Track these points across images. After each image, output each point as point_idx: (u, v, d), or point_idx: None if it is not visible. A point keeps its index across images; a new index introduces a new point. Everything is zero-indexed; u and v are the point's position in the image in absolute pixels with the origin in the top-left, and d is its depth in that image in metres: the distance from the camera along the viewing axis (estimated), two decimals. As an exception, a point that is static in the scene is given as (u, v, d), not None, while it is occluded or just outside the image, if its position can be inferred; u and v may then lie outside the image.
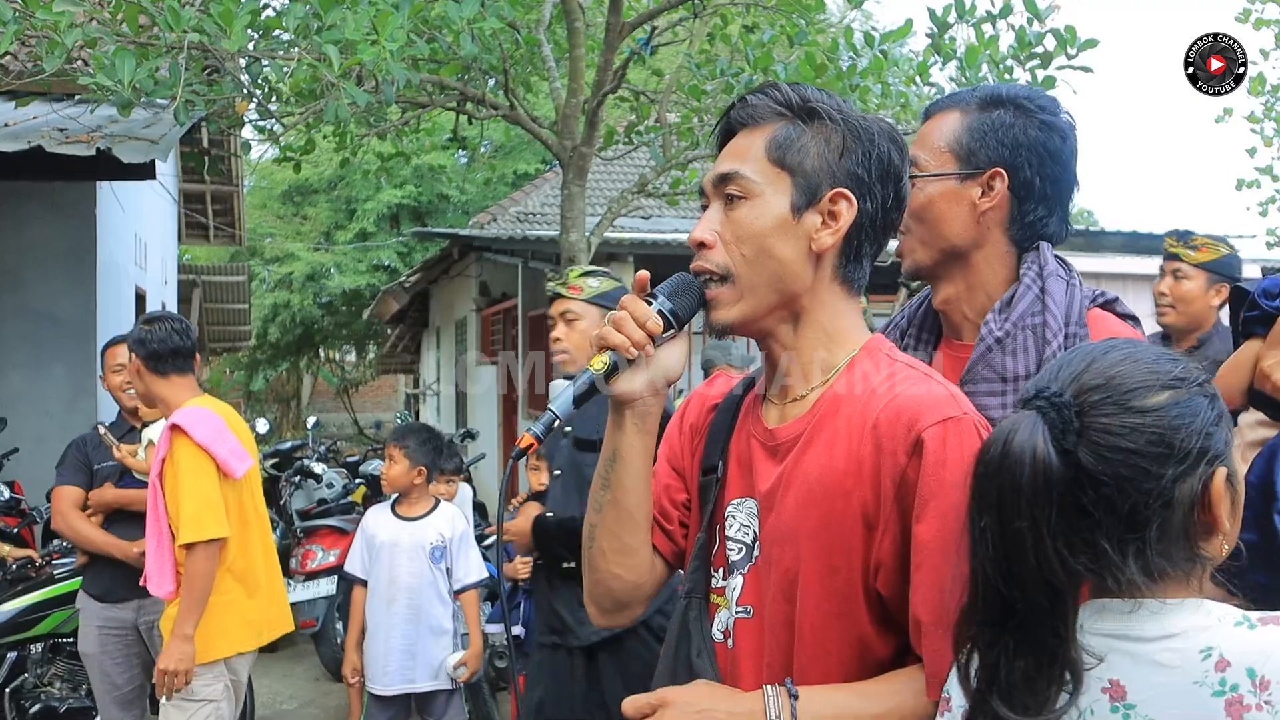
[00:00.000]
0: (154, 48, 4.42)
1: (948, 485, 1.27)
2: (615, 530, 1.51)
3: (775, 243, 1.39)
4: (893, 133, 1.45)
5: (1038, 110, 1.76)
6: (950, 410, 1.31)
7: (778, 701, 1.29)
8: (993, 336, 1.72)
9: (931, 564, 1.27)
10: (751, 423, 1.50)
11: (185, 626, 3.25)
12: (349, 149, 6.70)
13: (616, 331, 1.41)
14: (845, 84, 5.94)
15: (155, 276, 11.17)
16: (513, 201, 13.83)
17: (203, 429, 3.36)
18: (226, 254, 20.40)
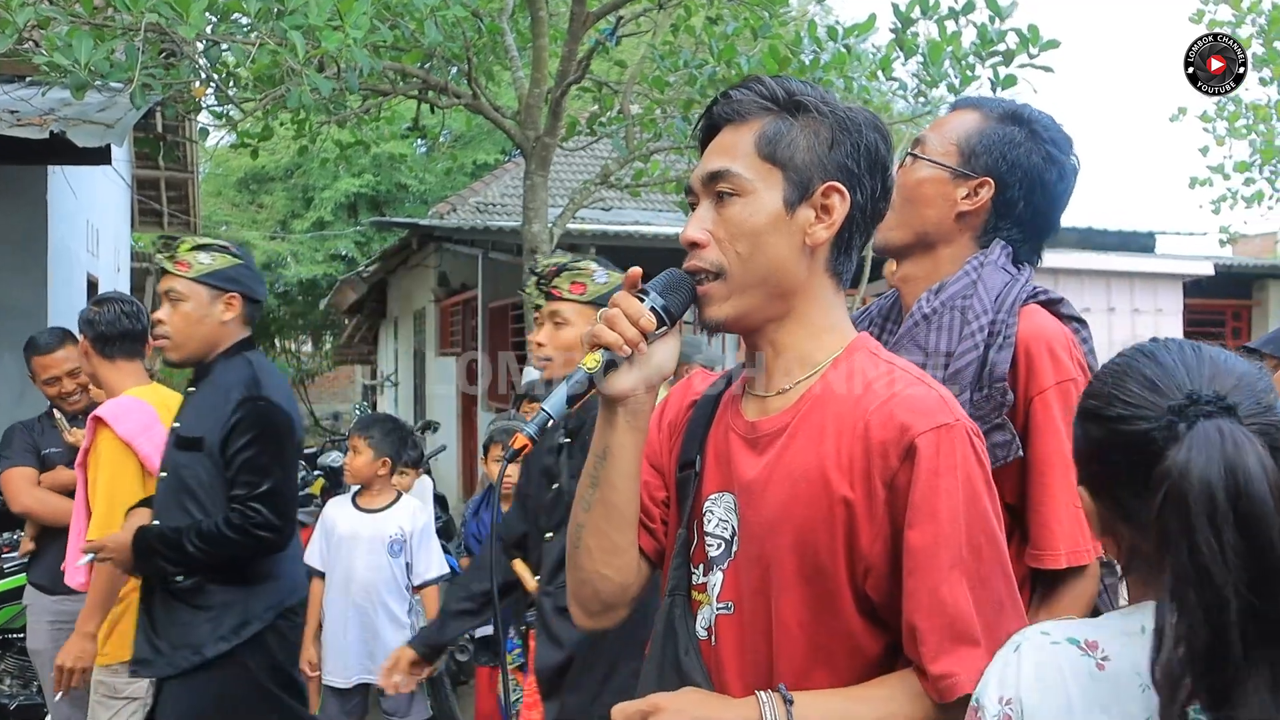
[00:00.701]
0: (109, 29, 4.34)
1: (941, 491, 1.27)
2: (604, 529, 1.48)
3: (770, 240, 1.37)
4: (877, 122, 1.43)
5: (1048, 141, 1.82)
6: (944, 417, 1.31)
7: (773, 708, 1.27)
8: (920, 313, 1.80)
9: (925, 571, 1.27)
10: (730, 417, 1.48)
11: (88, 624, 3.16)
12: (308, 137, 6.62)
13: (609, 329, 1.38)
14: (808, 78, 5.96)
15: (108, 263, 10.97)
16: (472, 192, 13.73)
17: (128, 422, 3.24)
18: (180, 242, 20.08)
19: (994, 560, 1.30)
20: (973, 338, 1.72)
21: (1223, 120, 10.95)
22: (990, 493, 1.33)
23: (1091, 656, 1.13)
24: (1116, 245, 12.24)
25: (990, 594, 1.29)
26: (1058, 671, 1.13)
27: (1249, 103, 10.94)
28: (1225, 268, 9.95)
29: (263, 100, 5.17)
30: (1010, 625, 1.28)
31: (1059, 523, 1.65)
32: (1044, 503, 1.66)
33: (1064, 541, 1.64)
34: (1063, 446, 1.65)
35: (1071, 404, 1.66)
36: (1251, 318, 11.27)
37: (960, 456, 1.28)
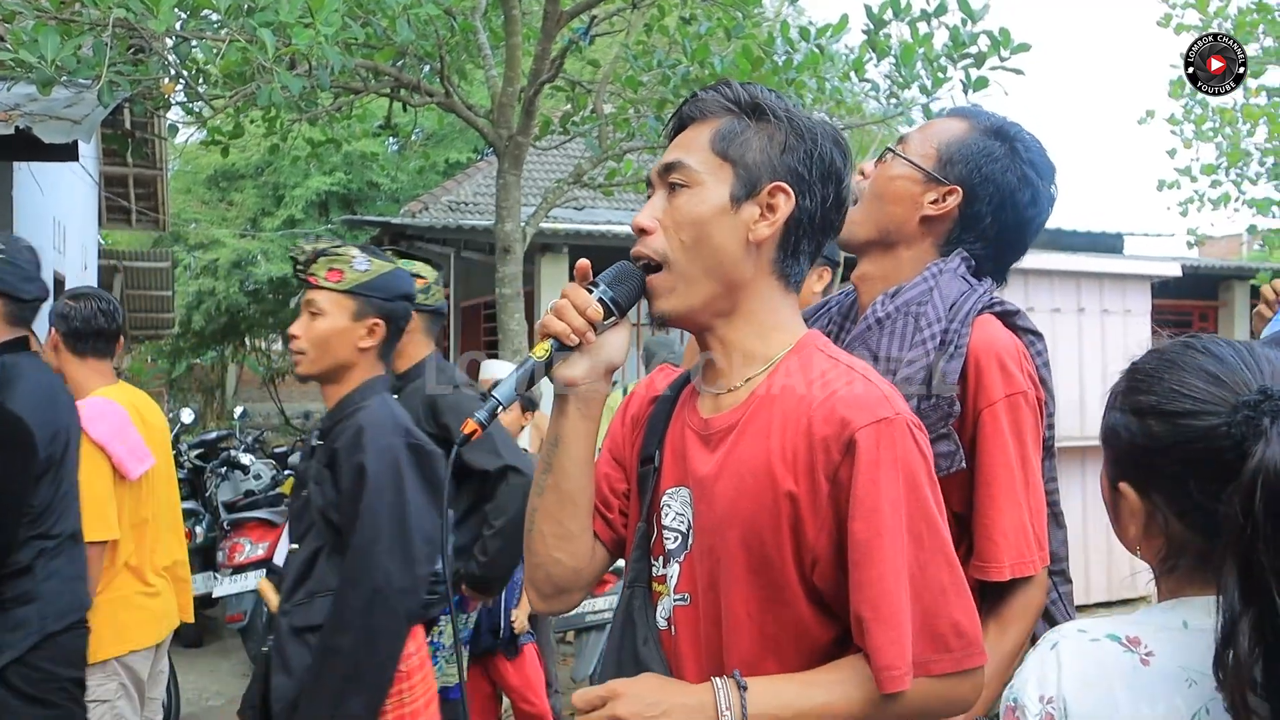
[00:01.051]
0: (76, 24, 4.28)
1: (882, 484, 1.30)
2: (556, 514, 1.53)
3: (713, 230, 1.42)
4: (838, 137, 1.48)
5: (1027, 162, 1.81)
6: (884, 411, 1.34)
7: (727, 693, 1.31)
8: (874, 316, 1.79)
9: (869, 562, 1.30)
10: (687, 414, 1.52)
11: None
12: (279, 134, 6.56)
13: (558, 319, 1.44)
14: (781, 78, 5.98)
15: (75, 261, 10.84)
16: (445, 190, 13.68)
17: (101, 425, 3.20)
18: (149, 239, 19.86)
19: (935, 548, 1.33)
20: (923, 345, 1.72)
21: (1190, 123, 11.08)
22: (931, 483, 1.36)
23: (1135, 652, 1.14)
24: (1085, 246, 12.37)
25: (933, 581, 1.32)
26: (1101, 669, 1.14)
27: (1216, 106, 11.07)
28: (1192, 269, 10.07)
29: (233, 97, 5.12)
30: (954, 611, 1.33)
31: (1003, 535, 1.64)
32: (989, 515, 1.66)
33: (1008, 553, 1.64)
34: (1009, 459, 1.65)
35: (1019, 417, 1.67)
36: (1218, 318, 11.41)
37: (901, 450, 1.32)
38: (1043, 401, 1.74)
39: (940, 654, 1.32)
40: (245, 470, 7.03)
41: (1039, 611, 1.71)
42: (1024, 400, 1.68)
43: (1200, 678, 1.11)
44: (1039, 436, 1.72)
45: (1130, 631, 1.16)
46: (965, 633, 1.34)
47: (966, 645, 1.34)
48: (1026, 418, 1.68)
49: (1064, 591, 1.82)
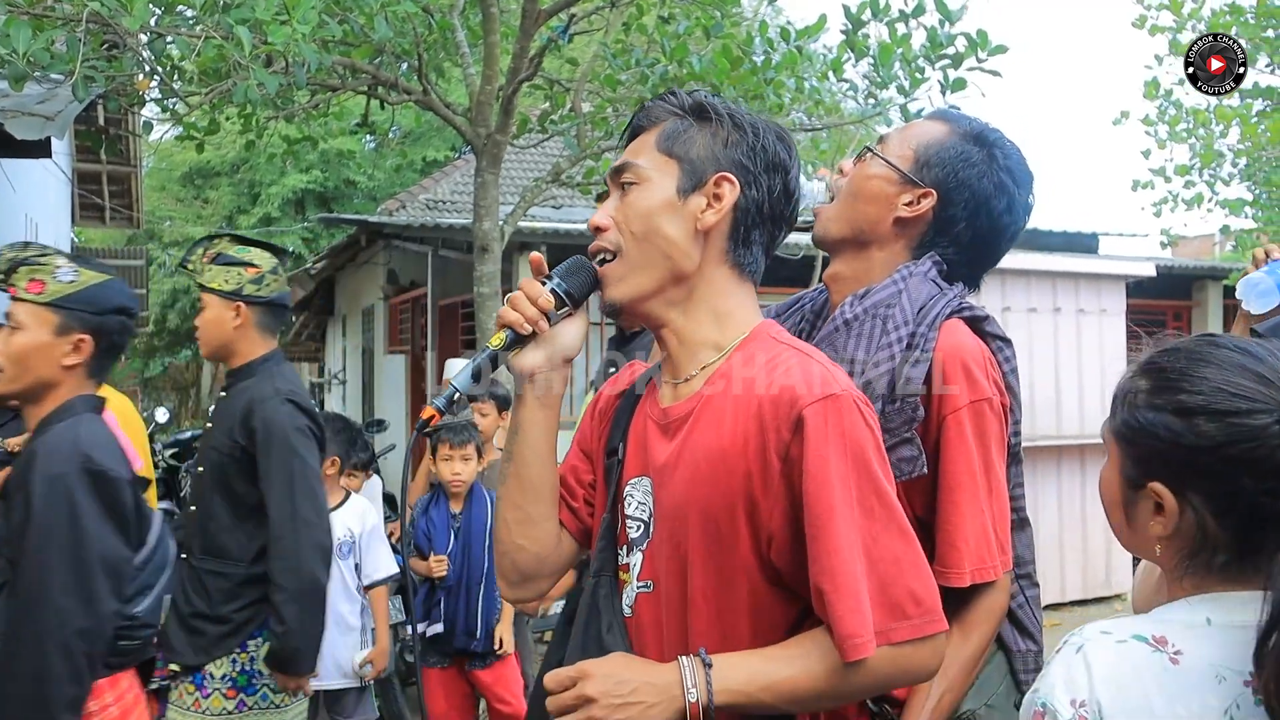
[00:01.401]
0: (49, 19, 4.24)
1: (830, 459, 1.35)
2: (518, 501, 1.59)
3: (662, 221, 1.49)
4: (781, 132, 1.56)
5: (1004, 169, 1.81)
6: (830, 388, 1.38)
7: (693, 671, 1.35)
8: (842, 318, 1.79)
9: (823, 535, 1.34)
10: (649, 405, 1.57)
11: None
12: (254, 131, 6.52)
13: (512, 310, 1.51)
14: (760, 78, 5.98)
15: (47, 259, 10.73)
16: (422, 188, 13.62)
17: None
18: (123, 237, 19.70)
19: (888, 520, 1.37)
20: (889, 348, 1.71)
21: (1164, 124, 11.15)
22: (880, 457, 1.40)
23: (1163, 652, 1.15)
24: (1061, 246, 12.44)
25: (886, 551, 1.36)
26: (1132, 670, 1.14)
27: (1189, 107, 11.16)
28: (1166, 269, 10.16)
29: (209, 94, 5.08)
30: (910, 580, 1.37)
31: (965, 541, 1.64)
32: (952, 521, 1.66)
33: (969, 559, 1.64)
34: (972, 465, 1.65)
35: (984, 424, 1.67)
36: (1191, 318, 11.52)
37: (848, 424, 1.37)
38: (1008, 408, 1.73)
39: (899, 621, 1.35)
40: (220, 470, 6.96)
41: (1001, 615, 1.71)
42: (988, 407, 1.67)
43: (1230, 674, 1.13)
44: (1003, 443, 1.72)
45: (1155, 631, 1.17)
46: (922, 600, 1.37)
47: (925, 613, 1.36)
48: (991, 424, 1.68)
49: (1030, 595, 1.82)
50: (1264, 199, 11.13)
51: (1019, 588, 1.79)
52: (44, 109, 4.74)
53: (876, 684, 1.38)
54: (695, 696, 1.33)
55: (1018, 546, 1.79)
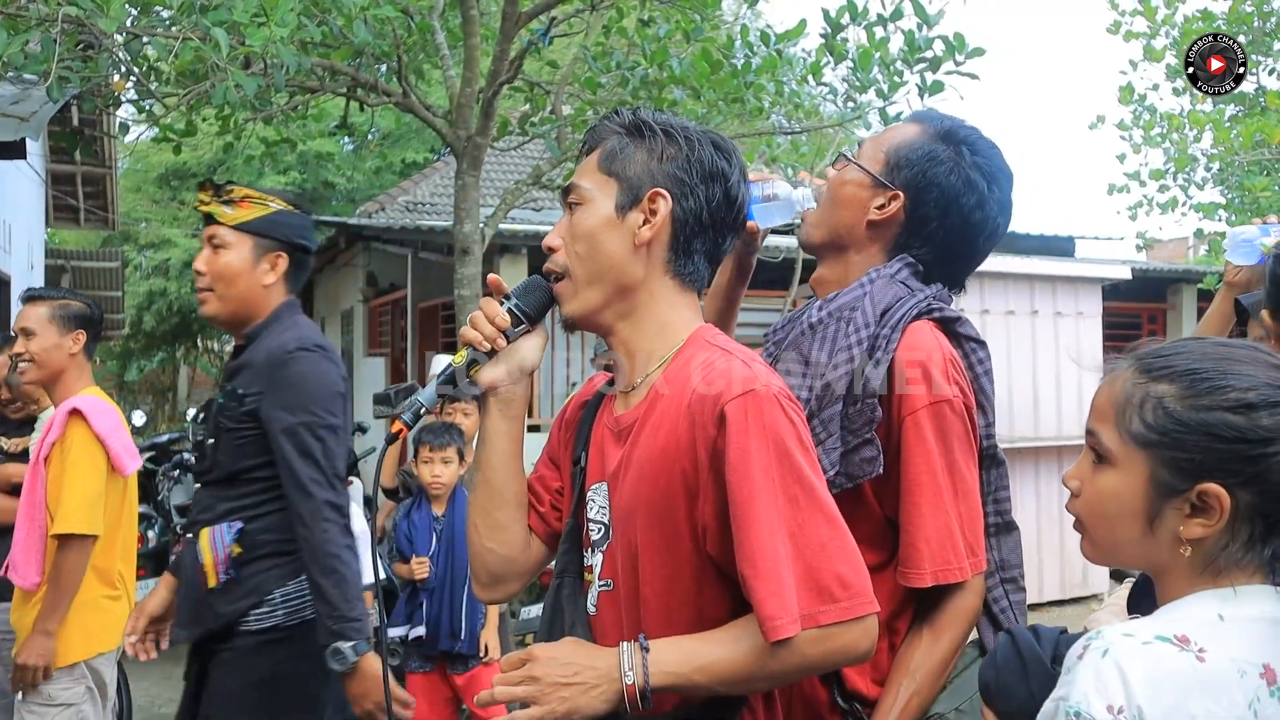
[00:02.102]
0: (24, 19, 4.20)
1: (751, 451, 1.41)
2: (486, 506, 1.68)
3: (603, 239, 1.57)
4: (719, 140, 1.63)
5: (973, 166, 1.80)
6: (750, 384, 1.45)
7: (631, 654, 1.43)
8: (808, 321, 1.82)
9: (745, 523, 1.41)
10: (605, 414, 1.66)
11: (48, 622, 3.12)
12: (233, 133, 6.48)
13: (472, 329, 1.61)
14: (740, 81, 6.00)
15: (20, 260, 10.64)
16: (401, 191, 13.57)
17: (103, 420, 3.24)
18: (98, 238, 19.53)
19: (813, 508, 1.43)
20: (849, 350, 1.72)
21: (1139, 129, 11.25)
22: (803, 448, 1.46)
23: (1189, 651, 1.15)
24: (1038, 249, 12.54)
25: (811, 537, 1.42)
26: (1166, 672, 1.14)
27: (1163, 112, 11.26)
28: (1142, 272, 10.25)
29: (186, 96, 5.05)
30: (836, 564, 1.41)
31: (925, 542, 1.64)
32: (913, 522, 1.66)
33: (930, 560, 1.64)
34: (933, 465, 1.66)
35: (945, 424, 1.67)
36: (1166, 321, 11.62)
37: (768, 418, 1.43)
38: (972, 409, 1.72)
39: (826, 604, 1.40)
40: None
41: (974, 617, 1.71)
42: (949, 407, 1.67)
43: (1249, 668, 1.15)
44: (968, 443, 1.71)
45: (1175, 630, 1.17)
46: (850, 584, 1.41)
47: (852, 595, 1.41)
48: (953, 425, 1.67)
49: (1015, 600, 1.81)
50: (1237, 203, 11.24)
51: (1003, 591, 1.79)
52: (18, 110, 4.71)
53: (806, 664, 1.42)
54: (632, 679, 1.41)
55: (1003, 550, 1.79)
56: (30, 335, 3.30)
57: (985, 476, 1.78)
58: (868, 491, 1.70)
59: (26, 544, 3.22)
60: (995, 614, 1.77)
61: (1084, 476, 1.28)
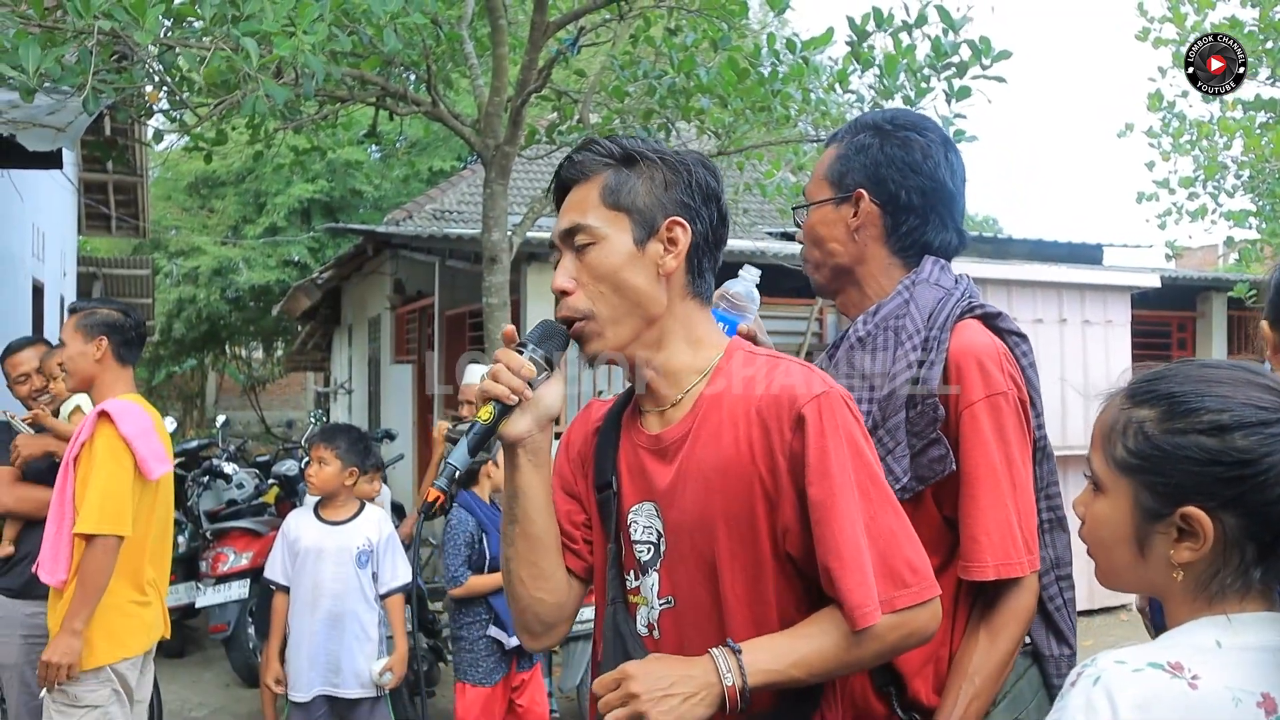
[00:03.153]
0: (60, 32, 4.26)
1: (829, 450, 1.47)
2: (530, 558, 1.67)
3: (627, 275, 1.57)
4: (706, 161, 1.66)
5: (894, 130, 1.88)
6: (820, 387, 1.51)
7: (725, 659, 1.45)
8: (855, 336, 1.85)
9: (829, 518, 1.46)
10: (634, 435, 1.66)
11: (75, 621, 3.17)
12: (263, 142, 6.55)
13: (496, 384, 1.56)
14: (767, 89, 6.00)
15: (54, 268, 10.78)
16: (429, 198, 13.65)
17: (131, 423, 3.30)
18: (129, 246, 19.75)
19: (882, 500, 1.50)
20: (907, 357, 1.75)
21: (1168, 136, 11.16)
22: (868, 443, 1.54)
23: (1181, 678, 1.14)
24: (1065, 257, 12.45)
25: (883, 527, 1.49)
26: (1155, 698, 1.13)
27: (1193, 119, 11.17)
28: (1171, 280, 10.15)
29: (217, 106, 5.10)
30: (906, 551, 1.49)
31: (987, 535, 1.66)
32: (973, 515, 1.67)
33: (991, 553, 1.65)
34: (992, 459, 1.68)
35: (1001, 418, 1.69)
36: (1196, 330, 11.50)
37: (840, 418, 1.49)
38: (1026, 402, 1.75)
39: (900, 589, 1.47)
40: (228, 479, 6.99)
41: (1030, 616, 1.71)
42: (1004, 400, 1.70)
43: (1245, 696, 1.13)
44: (1024, 436, 1.73)
45: (1169, 657, 1.16)
46: (918, 569, 1.49)
47: (921, 580, 1.49)
48: (1009, 418, 1.70)
49: (1069, 598, 1.82)
50: (1268, 210, 11.13)
51: (1059, 589, 1.80)
52: (54, 120, 4.76)
53: (885, 648, 1.49)
54: (731, 680, 1.43)
55: (1057, 546, 1.81)
56: (61, 345, 3.53)
57: (1037, 471, 1.79)
58: (927, 493, 1.73)
59: (55, 542, 3.28)
60: (1050, 612, 1.78)
61: (1085, 504, 1.30)
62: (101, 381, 3.44)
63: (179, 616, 6.24)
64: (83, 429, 3.32)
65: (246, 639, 6.10)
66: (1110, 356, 7.68)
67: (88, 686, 3.24)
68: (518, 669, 4.18)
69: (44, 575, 3.28)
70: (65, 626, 3.17)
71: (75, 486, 3.27)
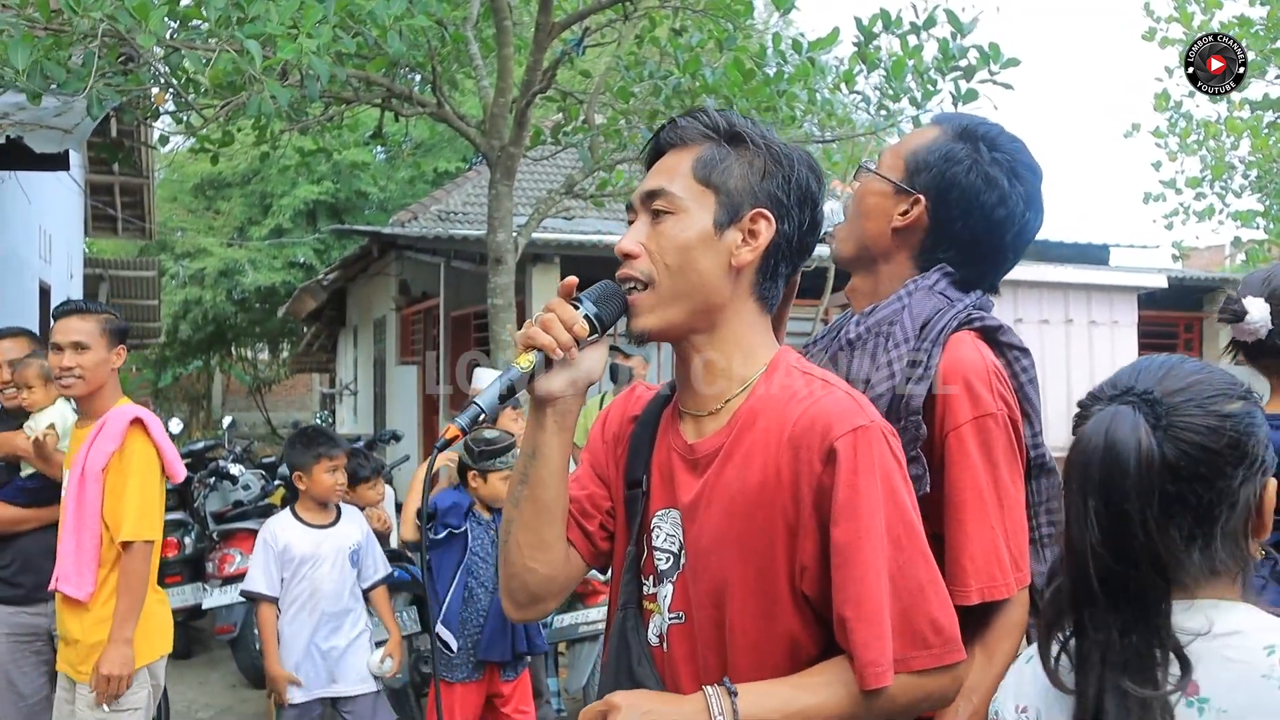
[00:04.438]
0: (65, 35, 4.26)
1: (861, 489, 1.36)
2: (533, 524, 1.56)
3: (698, 255, 1.47)
4: (812, 163, 1.54)
5: (992, 162, 1.76)
6: (859, 420, 1.39)
7: (719, 700, 1.35)
8: (846, 338, 1.78)
9: (850, 564, 1.36)
10: (671, 436, 1.56)
11: (126, 629, 3.18)
12: (269, 143, 6.55)
13: (544, 332, 1.46)
14: (772, 90, 5.99)
15: (60, 270, 10.80)
16: (434, 200, 13.66)
17: (157, 429, 3.34)
18: (135, 248, 19.77)
19: (913, 549, 1.39)
20: (889, 367, 1.69)
21: (1175, 136, 11.15)
22: (907, 486, 1.42)
23: None
24: (1072, 258, 12.42)
25: (911, 581, 1.38)
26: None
27: (1200, 119, 11.15)
28: (1178, 280, 10.12)
29: (223, 107, 5.11)
30: (933, 609, 1.39)
31: (972, 560, 1.61)
32: (959, 540, 1.62)
33: (975, 577, 1.60)
34: (978, 482, 1.62)
35: (989, 439, 1.63)
36: (1202, 330, 11.48)
37: (877, 455, 1.38)
38: (1017, 421, 1.69)
39: (920, 650, 1.37)
40: (234, 480, 6.99)
41: (1022, 629, 1.68)
42: (993, 422, 1.63)
43: None
44: (1014, 456, 1.67)
45: None
46: (943, 630, 1.39)
47: (945, 642, 1.39)
48: (997, 439, 1.64)
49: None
50: (1275, 211, 11.10)
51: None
52: (60, 122, 4.77)
53: (895, 711, 1.39)
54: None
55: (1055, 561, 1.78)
56: (84, 349, 3.29)
57: (1035, 486, 1.75)
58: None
59: (79, 555, 3.25)
60: None
61: None
62: (106, 390, 3.39)
63: (185, 618, 6.24)
64: (109, 438, 3.27)
65: (253, 640, 6.09)
66: (1116, 357, 7.66)
67: (131, 690, 3.25)
68: (502, 678, 4.11)
69: (70, 589, 3.25)
70: (117, 636, 3.17)
71: (106, 497, 3.24)
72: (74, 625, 3.30)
